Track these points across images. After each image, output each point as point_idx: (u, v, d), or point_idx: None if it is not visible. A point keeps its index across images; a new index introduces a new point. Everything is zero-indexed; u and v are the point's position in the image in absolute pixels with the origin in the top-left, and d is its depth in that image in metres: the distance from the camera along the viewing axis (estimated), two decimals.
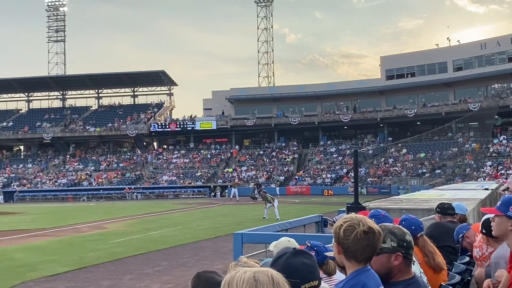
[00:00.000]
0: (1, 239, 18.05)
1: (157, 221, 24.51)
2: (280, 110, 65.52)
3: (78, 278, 10.44)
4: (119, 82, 75.00)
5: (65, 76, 76.41)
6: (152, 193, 54.54)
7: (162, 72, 70.12)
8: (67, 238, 18.13)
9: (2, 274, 11.05)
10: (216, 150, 64.93)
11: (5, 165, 65.83)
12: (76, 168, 63.22)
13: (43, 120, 71.21)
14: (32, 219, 28.21)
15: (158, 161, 63.61)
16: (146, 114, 69.55)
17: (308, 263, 1.97)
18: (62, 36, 78.83)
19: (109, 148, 70.04)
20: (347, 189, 46.39)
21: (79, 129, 68.38)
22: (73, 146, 69.51)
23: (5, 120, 72.98)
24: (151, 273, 10.92)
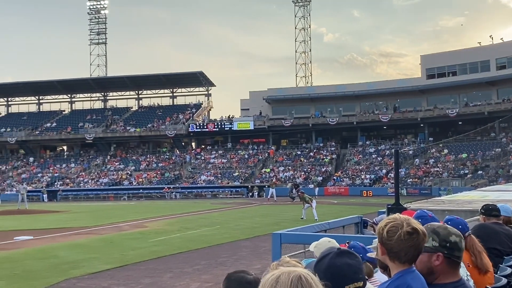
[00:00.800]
0: (46, 236, 18.59)
1: (195, 220, 24.75)
2: (318, 110, 65.15)
3: (119, 276, 10.64)
4: (158, 83, 76.16)
5: (106, 78, 78.10)
6: (191, 193, 55.11)
7: (200, 73, 70.77)
8: (108, 236, 18.52)
9: (47, 271, 11.37)
10: (254, 150, 65.09)
11: (49, 165, 67.76)
12: (117, 168, 64.48)
13: (85, 121, 72.97)
14: (75, 217, 28.93)
15: (196, 161, 64.23)
16: (184, 115, 70.35)
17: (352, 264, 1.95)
18: (103, 38, 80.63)
19: (148, 148, 71.19)
20: (387, 190, 45.76)
21: (120, 129, 69.73)
22: (114, 146, 70.95)
23: (49, 121, 75.17)
24: (190, 271, 11.04)
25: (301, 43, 75.09)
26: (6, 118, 79.90)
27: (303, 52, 75.07)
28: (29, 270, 11.44)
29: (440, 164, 51.88)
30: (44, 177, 63.42)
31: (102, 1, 79.51)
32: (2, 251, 14.82)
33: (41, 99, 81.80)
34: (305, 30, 75.02)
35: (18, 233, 19.58)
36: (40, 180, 62.42)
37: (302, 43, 74.99)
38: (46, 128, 73.09)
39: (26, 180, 62.66)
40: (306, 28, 75.12)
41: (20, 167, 68.29)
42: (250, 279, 2.43)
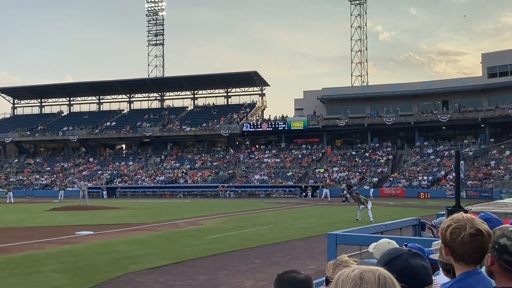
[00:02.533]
0: (106, 232, 19.21)
1: (250, 219, 24.89)
2: (374, 110, 64.06)
3: (176, 272, 10.84)
4: (213, 83, 77.13)
5: (163, 78, 79.86)
6: (244, 192, 55.46)
7: (254, 73, 71.11)
8: (165, 233, 18.91)
9: (107, 265, 11.73)
10: (307, 150, 64.76)
11: (109, 163, 69.96)
12: (173, 166, 65.76)
13: (143, 120, 74.87)
14: (133, 214, 29.75)
15: (250, 161, 64.56)
16: (238, 114, 70.88)
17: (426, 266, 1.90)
18: (160, 39, 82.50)
19: (203, 147, 72.20)
20: (445, 192, 44.46)
21: (176, 128, 71.08)
22: (170, 145, 72.43)
23: (108, 120, 77.63)
24: (245, 270, 11.10)
25: (356, 41, 74.13)
26: (68, 117, 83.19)
27: (358, 51, 74.07)
28: (90, 264, 11.84)
29: (502, 166, 49.85)
30: (103, 174, 65.55)
31: (160, 3, 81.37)
32: (64, 245, 15.42)
33: (102, 98, 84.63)
34: (361, 28, 74.01)
35: (79, 228, 20.33)
36: (100, 177, 64.56)
37: (358, 41, 74.02)
38: (106, 127, 75.53)
39: (86, 177, 65.00)
40: (362, 26, 74.11)
41: (81, 165, 70.91)
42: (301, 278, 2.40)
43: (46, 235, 18.23)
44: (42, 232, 19.16)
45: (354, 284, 1.57)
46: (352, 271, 1.62)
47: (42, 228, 20.96)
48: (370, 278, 1.58)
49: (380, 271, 1.61)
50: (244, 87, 77.11)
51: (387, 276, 1.60)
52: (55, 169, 70.25)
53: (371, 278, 1.58)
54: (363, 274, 1.59)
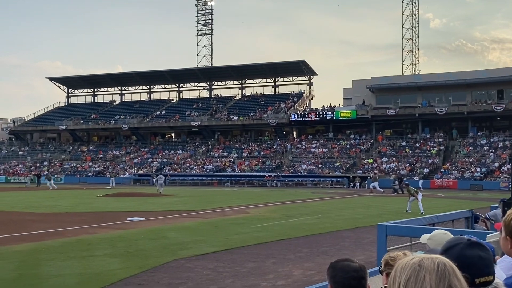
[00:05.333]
0: (156, 218, 19.65)
1: (297, 208, 24.87)
2: (425, 99, 62.47)
3: (224, 259, 10.98)
4: (261, 73, 77.14)
5: (212, 68, 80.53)
6: (291, 181, 55.41)
7: (302, 62, 70.67)
8: (213, 220, 19.17)
9: (158, 250, 12.00)
10: (356, 140, 63.97)
11: (159, 151, 71.37)
12: (221, 155, 66.41)
13: (191, 109, 75.86)
14: (182, 201, 30.28)
15: (297, 150, 64.38)
16: (286, 104, 70.70)
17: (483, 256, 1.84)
18: (209, 29, 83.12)
19: (250, 136, 72.50)
20: (499, 184, 43.03)
21: (224, 118, 71.64)
22: (218, 134, 73.13)
23: (158, 109, 79.09)
24: (293, 258, 11.12)
25: (408, 29, 72.40)
26: (120, 106, 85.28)
27: (410, 39, 72.36)
28: (142, 249, 12.14)
29: None
30: (154, 162, 66.96)
31: None
32: (117, 230, 15.88)
33: (152, 88, 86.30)
34: (412, 15, 72.20)
35: (130, 214, 20.88)
36: (150, 165, 65.98)
37: (409, 29, 72.29)
38: (156, 116, 77.00)
39: (137, 164, 66.60)
40: (414, 13, 72.29)
41: (132, 153, 72.66)
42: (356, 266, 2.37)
43: (99, 220, 18.83)
44: (95, 218, 19.80)
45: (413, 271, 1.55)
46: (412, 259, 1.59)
47: (95, 214, 21.66)
48: (429, 266, 1.54)
49: (440, 258, 1.57)
50: (291, 77, 76.82)
51: (447, 264, 1.56)
52: (107, 157, 72.28)
53: (430, 266, 1.54)
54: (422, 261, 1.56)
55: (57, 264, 10.06)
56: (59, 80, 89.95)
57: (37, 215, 21.02)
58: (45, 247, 12.22)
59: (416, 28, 72.41)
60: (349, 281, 2.31)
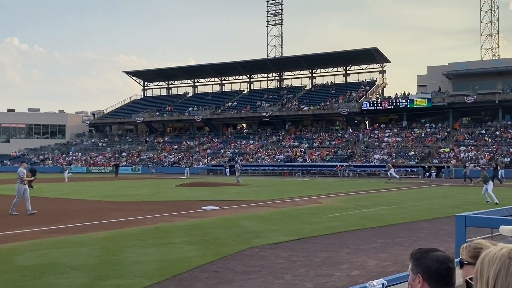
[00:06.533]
0: (230, 207, 20.01)
1: (370, 198, 24.49)
2: (507, 85, 59.31)
3: (297, 248, 11.01)
4: (331, 62, 76.25)
5: (282, 58, 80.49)
6: (364, 171, 54.55)
7: (374, 50, 69.11)
8: (285, 210, 19.26)
9: (232, 239, 12.23)
10: (431, 128, 61.90)
11: (231, 141, 72.45)
12: (292, 145, 66.44)
13: (262, 100, 76.29)
14: (254, 191, 30.62)
15: (370, 140, 63.23)
16: (357, 93, 69.52)
17: None
18: (279, 19, 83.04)
19: (321, 126, 71.99)
20: None
21: (294, 108, 71.53)
22: (288, 124, 73.15)
23: (230, 100, 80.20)
24: (367, 249, 10.97)
25: (487, 12, 68.93)
26: (193, 98, 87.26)
27: (489, 22, 68.86)
28: (217, 237, 12.41)
29: None
30: (226, 152, 68.07)
31: None
32: (193, 219, 16.33)
33: (223, 80, 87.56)
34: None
35: (205, 203, 21.38)
36: (223, 155, 67.13)
37: (488, 12, 68.75)
38: (227, 107, 78.13)
39: (210, 155, 67.94)
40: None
41: (205, 143, 74.24)
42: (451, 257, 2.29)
43: (175, 209, 19.43)
44: (171, 206, 20.45)
45: (502, 264, 1.47)
46: (500, 250, 1.52)
47: (171, 203, 22.37)
48: None
49: None
50: (363, 65, 75.37)
51: None
52: (181, 147, 74.28)
53: None
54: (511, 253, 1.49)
55: (137, 251, 10.50)
56: (135, 74, 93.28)
57: (116, 204, 22.00)
58: (125, 235, 12.78)
59: (496, 10, 68.85)
60: (446, 272, 2.22)
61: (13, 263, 9.14)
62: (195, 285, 7.67)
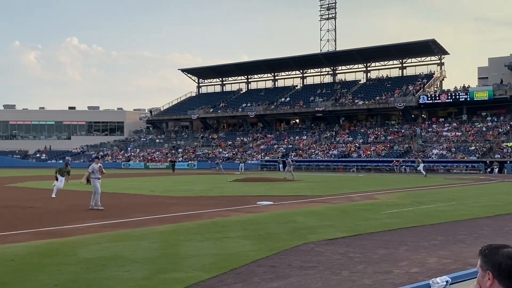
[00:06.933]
0: (284, 203, 20.01)
1: (428, 195, 23.86)
2: None
3: (354, 244, 10.86)
4: (386, 55, 74.72)
5: (335, 52, 79.60)
6: None
7: (432, 41, 67.23)
8: (341, 205, 19.05)
9: (287, 234, 12.20)
10: (493, 122, 59.60)
11: (284, 137, 72.42)
12: (346, 140, 65.68)
13: (315, 95, 75.77)
14: (308, 186, 30.49)
15: (428, 134, 61.62)
16: (414, 86, 67.87)
17: None
18: (332, 13, 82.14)
19: (376, 121, 70.74)
20: None
21: (348, 102, 70.63)
22: (342, 119, 72.33)
23: (283, 96, 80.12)
24: (426, 246, 10.69)
25: None
26: (246, 94, 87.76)
27: None
28: (271, 232, 12.43)
29: None
30: (279, 148, 68.11)
31: None
32: (247, 214, 16.44)
33: (276, 75, 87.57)
34: None
35: (260, 198, 21.47)
36: (276, 151, 67.22)
37: None
38: (280, 102, 78.10)
39: (264, 150, 68.17)
40: None
41: (259, 139, 74.55)
42: None
43: (230, 203, 19.61)
44: (227, 201, 20.67)
45: None
46: None
47: (227, 198, 22.61)
48: None
49: None
50: (420, 57, 73.48)
51: None
52: (235, 143, 74.92)
53: None
54: None
55: (195, 245, 10.66)
56: (190, 71, 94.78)
57: (174, 198, 22.45)
58: (183, 229, 13.01)
59: None
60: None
61: (77, 256, 9.49)
62: (252, 279, 7.70)
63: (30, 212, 17.13)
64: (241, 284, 7.43)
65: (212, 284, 7.41)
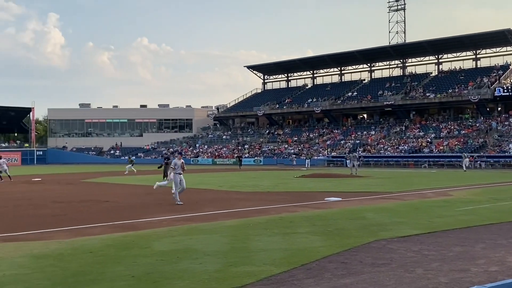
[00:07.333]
0: (353, 199, 19.73)
1: (506, 191, 22.77)
2: None
3: (428, 241, 10.54)
4: (459, 46, 72.00)
5: (405, 44, 77.54)
6: (497, 162, 50.90)
7: (507, 31, 64.11)
8: (413, 202, 18.54)
9: (357, 230, 12.02)
10: None
11: (351, 132, 71.41)
12: (417, 135, 63.89)
13: (384, 89, 74.15)
14: (378, 182, 29.88)
15: (504, 128, 58.80)
16: (489, 78, 64.97)
17: None
18: (402, 4, 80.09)
19: (449, 114, 68.36)
20: None
21: (419, 96, 68.64)
22: (413, 113, 70.39)
23: (350, 90, 78.97)
24: (505, 244, 10.20)
25: None
26: (312, 89, 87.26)
27: None
28: (341, 229, 12.28)
29: None
30: (346, 144, 67.24)
31: None
32: (316, 209, 16.33)
33: (343, 69, 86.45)
34: None
35: (327, 194, 21.28)
36: (343, 146, 66.40)
37: None
38: (347, 97, 77.04)
39: (330, 146, 67.58)
40: None
41: (325, 135, 73.94)
42: None
43: (297, 199, 19.57)
44: (294, 197, 20.64)
45: None
46: None
47: (293, 193, 22.58)
48: None
49: None
50: (495, 48, 70.20)
51: None
52: (301, 139, 74.72)
53: None
54: None
55: (264, 239, 10.72)
56: (256, 68, 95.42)
57: (242, 193, 22.69)
58: (252, 223, 13.11)
59: None
60: None
61: (151, 248, 9.79)
62: (323, 275, 7.64)
63: (106, 206, 17.87)
64: (312, 279, 7.39)
65: (283, 278, 7.42)
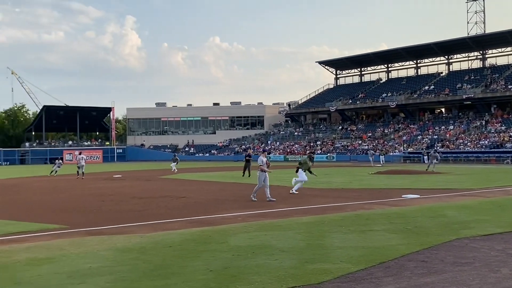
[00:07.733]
0: (431, 196, 19.08)
1: None
2: None
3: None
4: None
5: (485, 35, 74.04)
6: None
7: None
8: (496, 199, 17.67)
9: (437, 228, 11.61)
10: None
11: (428, 127, 69.11)
12: (498, 130, 60.87)
13: (463, 82, 71.19)
14: (457, 179, 28.75)
15: None
16: None
17: None
18: None
19: None
20: None
21: (501, 89, 65.33)
22: (494, 106, 67.14)
23: (426, 84, 76.42)
24: None
25: None
26: (387, 83, 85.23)
27: None
28: (420, 226, 11.91)
29: None
30: (424, 139, 65.16)
31: None
32: (393, 207, 15.94)
33: (419, 62, 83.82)
34: None
35: (404, 191, 20.72)
36: (420, 142, 64.40)
37: None
38: (424, 91, 74.64)
39: (406, 142, 65.74)
40: None
41: (401, 130, 72.01)
42: None
43: (373, 196, 19.19)
44: (369, 194, 20.26)
45: None
46: None
47: (368, 190, 22.17)
48: None
49: None
50: None
51: None
52: (375, 135, 73.20)
53: None
54: None
55: (339, 237, 10.59)
56: (327, 63, 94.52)
57: (315, 190, 22.57)
58: (327, 220, 13.00)
59: None
60: None
61: (228, 243, 9.95)
62: (403, 274, 7.44)
63: (183, 202, 18.35)
64: (392, 278, 7.22)
65: (361, 276, 7.29)
